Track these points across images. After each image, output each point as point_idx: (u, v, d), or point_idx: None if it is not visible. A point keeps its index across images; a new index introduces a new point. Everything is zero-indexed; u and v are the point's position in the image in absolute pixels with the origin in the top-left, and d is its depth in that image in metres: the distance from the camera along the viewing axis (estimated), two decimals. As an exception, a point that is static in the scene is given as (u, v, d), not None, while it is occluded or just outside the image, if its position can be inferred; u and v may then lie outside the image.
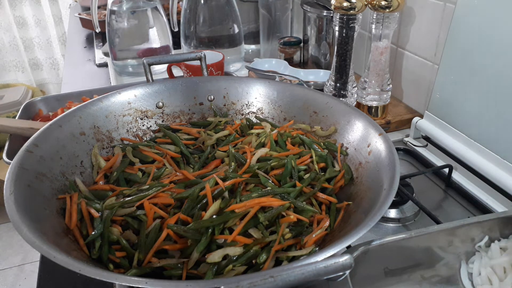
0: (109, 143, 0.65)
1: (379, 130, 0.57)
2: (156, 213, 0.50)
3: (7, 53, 2.67)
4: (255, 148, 0.63)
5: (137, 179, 0.58)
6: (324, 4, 1.07)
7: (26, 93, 2.57)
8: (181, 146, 0.65)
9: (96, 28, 1.15)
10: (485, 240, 0.52)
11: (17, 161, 0.50)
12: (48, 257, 0.38)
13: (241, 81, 0.74)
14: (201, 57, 0.75)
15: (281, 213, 0.49)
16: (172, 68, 0.93)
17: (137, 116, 0.69)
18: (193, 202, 0.51)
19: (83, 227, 0.49)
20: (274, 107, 0.72)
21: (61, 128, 0.59)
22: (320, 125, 0.67)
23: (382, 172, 0.51)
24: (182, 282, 0.35)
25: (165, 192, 0.53)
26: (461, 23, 0.72)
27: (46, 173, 0.53)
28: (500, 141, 0.67)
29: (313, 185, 0.57)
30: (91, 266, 0.38)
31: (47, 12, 2.69)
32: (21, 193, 0.46)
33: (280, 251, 0.47)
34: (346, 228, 0.49)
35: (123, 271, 0.46)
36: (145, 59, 0.72)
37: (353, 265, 0.35)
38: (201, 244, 0.46)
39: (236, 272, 0.45)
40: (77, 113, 0.63)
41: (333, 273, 0.35)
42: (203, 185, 0.52)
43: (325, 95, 0.69)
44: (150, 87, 0.71)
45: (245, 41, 1.25)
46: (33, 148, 0.54)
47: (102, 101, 0.66)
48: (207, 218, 0.48)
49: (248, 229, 0.48)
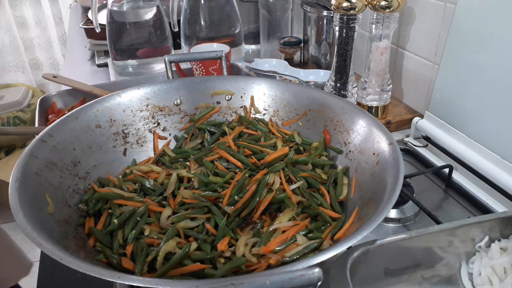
0: (123, 137, 0.66)
1: (390, 139, 0.55)
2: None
3: (7, 53, 2.66)
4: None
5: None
6: (324, 4, 1.07)
7: (27, 93, 2.57)
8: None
9: (96, 28, 1.15)
10: (485, 240, 0.52)
11: (29, 149, 0.52)
12: (35, 243, 0.39)
13: (260, 82, 0.73)
14: (221, 57, 0.76)
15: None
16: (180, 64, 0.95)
17: (154, 112, 0.70)
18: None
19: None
20: (290, 110, 0.71)
21: (77, 120, 0.61)
22: (334, 129, 0.65)
23: (386, 180, 0.51)
24: (193, 282, 0.35)
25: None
26: (461, 23, 0.72)
27: (57, 162, 0.54)
28: (500, 141, 0.67)
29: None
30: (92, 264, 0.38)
31: (47, 12, 2.69)
32: (27, 180, 0.47)
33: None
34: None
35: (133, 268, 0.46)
36: (167, 57, 0.76)
37: (322, 279, 0.34)
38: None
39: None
40: (95, 106, 0.64)
41: (297, 286, 0.33)
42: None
43: (341, 100, 0.66)
44: (169, 84, 0.72)
45: (245, 41, 1.25)
46: (47, 137, 0.55)
47: (120, 95, 0.67)
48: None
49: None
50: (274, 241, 0.49)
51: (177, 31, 1.18)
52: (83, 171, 0.58)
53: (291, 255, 0.47)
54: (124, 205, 0.54)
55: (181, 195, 0.56)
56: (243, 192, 0.55)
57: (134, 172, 0.61)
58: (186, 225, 0.52)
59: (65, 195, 0.53)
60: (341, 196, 0.57)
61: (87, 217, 0.53)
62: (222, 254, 0.48)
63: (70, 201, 0.53)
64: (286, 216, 0.53)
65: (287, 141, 0.67)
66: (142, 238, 0.49)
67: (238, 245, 0.48)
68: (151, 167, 0.63)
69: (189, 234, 0.51)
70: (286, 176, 0.59)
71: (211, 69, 0.96)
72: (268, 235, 0.50)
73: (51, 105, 0.92)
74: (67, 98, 0.94)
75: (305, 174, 0.60)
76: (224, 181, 0.58)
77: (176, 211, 0.54)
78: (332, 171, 0.61)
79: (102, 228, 0.52)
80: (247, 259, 0.46)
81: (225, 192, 0.55)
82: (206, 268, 0.46)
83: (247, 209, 0.53)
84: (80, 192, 0.56)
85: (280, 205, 0.55)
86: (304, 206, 0.55)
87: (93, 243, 0.50)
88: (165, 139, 0.71)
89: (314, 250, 0.48)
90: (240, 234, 0.51)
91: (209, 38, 1.14)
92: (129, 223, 0.51)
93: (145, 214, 0.52)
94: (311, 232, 0.51)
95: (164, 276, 0.45)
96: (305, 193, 0.56)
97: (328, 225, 0.53)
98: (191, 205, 0.54)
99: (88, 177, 0.59)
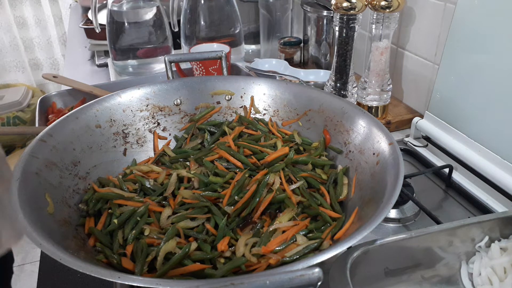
0: (123, 137, 0.66)
1: (390, 139, 0.55)
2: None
3: (7, 53, 2.67)
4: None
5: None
6: (324, 4, 1.07)
7: (26, 93, 2.57)
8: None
9: (96, 28, 1.15)
10: (485, 240, 0.52)
11: (29, 149, 0.52)
12: (35, 243, 0.39)
13: (260, 82, 0.73)
14: (221, 57, 0.76)
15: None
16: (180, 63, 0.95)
17: (154, 112, 0.70)
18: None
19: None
20: (290, 110, 0.71)
21: (77, 120, 0.61)
22: (334, 129, 0.65)
23: (386, 180, 0.51)
24: (193, 282, 0.35)
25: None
26: (461, 23, 0.72)
27: (57, 162, 0.54)
28: (500, 141, 0.67)
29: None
30: (92, 264, 0.38)
31: (47, 12, 2.69)
32: (27, 180, 0.47)
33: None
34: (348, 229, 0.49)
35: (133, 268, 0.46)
36: (167, 57, 0.75)
37: (322, 279, 0.33)
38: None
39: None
40: (95, 106, 0.64)
41: (297, 286, 0.33)
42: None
43: (341, 100, 0.66)
44: (169, 84, 0.72)
45: (245, 41, 1.25)
46: (47, 137, 0.55)
47: (120, 95, 0.67)
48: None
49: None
50: (274, 241, 0.49)
51: (177, 31, 1.18)
52: (83, 171, 0.58)
53: (291, 255, 0.47)
54: (124, 205, 0.54)
55: (181, 195, 0.56)
56: (243, 192, 0.55)
57: (134, 172, 0.61)
58: (186, 225, 0.52)
59: (65, 195, 0.53)
60: (341, 196, 0.57)
61: (87, 217, 0.53)
62: (222, 254, 0.48)
63: (70, 201, 0.53)
64: (286, 216, 0.53)
65: (287, 141, 0.67)
66: (142, 238, 0.49)
67: (238, 245, 0.48)
68: (151, 167, 0.63)
69: (189, 234, 0.51)
70: (286, 176, 0.59)
71: (211, 69, 0.96)
72: (268, 235, 0.50)
73: (51, 105, 0.93)
74: (67, 98, 0.94)
75: (305, 174, 0.60)
76: (224, 181, 0.58)
77: (176, 211, 0.54)
78: (332, 171, 0.61)
79: (102, 228, 0.52)
80: (247, 259, 0.46)
81: (225, 192, 0.55)
82: (206, 268, 0.46)
83: (247, 209, 0.53)
84: (80, 192, 0.56)
85: (280, 205, 0.55)
86: (304, 206, 0.55)
87: (93, 243, 0.50)
88: (165, 139, 0.71)
89: (314, 250, 0.48)
90: (240, 234, 0.51)
91: (209, 38, 1.14)
92: (129, 223, 0.51)
93: (145, 214, 0.52)
94: (311, 232, 0.51)
95: (164, 276, 0.45)
96: (305, 193, 0.56)
97: (328, 225, 0.53)
98: (191, 205, 0.54)
99: (88, 177, 0.59)
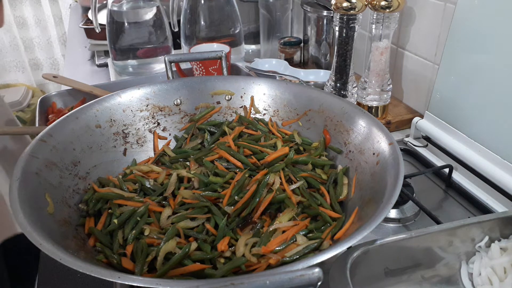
0: (123, 137, 0.66)
1: (390, 139, 0.55)
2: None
3: (7, 53, 2.66)
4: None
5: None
6: (324, 4, 1.07)
7: (26, 93, 2.57)
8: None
9: (96, 28, 1.15)
10: (485, 240, 0.52)
11: (29, 149, 0.52)
12: (35, 243, 0.39)
13: (260, 82, 0.73)
14: (221, 57, 0.76)
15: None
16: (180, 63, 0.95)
17: (154, 112, 0.70)
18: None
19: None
20: (290, 110, 0.71)
21: (77, 120, 0.61)
22: (334, 129, 0.65)
23: (386, 180, 0.50)
24: (193, 282, 0.35)
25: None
26: (461, 23, 0.72)
27: (57, 162, 0.54)
28: (500, 141, 0.67)
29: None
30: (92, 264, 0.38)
31: (47, 12, 2.69)
32: (27, 180, 0.48)
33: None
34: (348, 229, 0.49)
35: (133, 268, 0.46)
36: (167, 57, 0.75)
37: (322, 279, 0.33)
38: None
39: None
40: (95, 106, 0.64)
41: (297, 286, 0.33)
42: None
43: (341, 100, 0.66)
44: (169, 84, 0.72)
45: (245, 41, 1.25)
46: (47, 137, 0.55)
47: (120, 95, 0.67)
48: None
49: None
50: (274, 241, 0.49)
51: (177, 31, 1.18)
52: (83, 171, 0.58)
53: (291, 255, 0.47)
54: (124, 205, 0.54)
55: (181, 195, 0.56)
56: (243, 192, 0.55)
57: (134, 172, 0.61)
58: (186, 225, 0.52)
59: (65, 195, 0.53)
60: (341, 196, 0.57)
61: (87, 217, 0.53)
62: (222, 254, 0.48)
63: (70, 201, 0.53)
64: (286, 216, 0.53)
65: (287, 141, 0.66)
66: (142, 238, 0.49)
67: (238, 245, 0.48)
68: (151, 167, 0.63)
69: (189, 234, 0.51)
70: (286, 176, 0.59)
71: (211, 69, 0.96)
72: (268, 235, 0.50)
73: (51, 105, 0.93)
74: (67, 98, 0.94)
75: (305, 174, 0.60)
76: (224, 181, 0.58)
77: (176, 211, 0.54)
78: (332, 171, 0.61)
79: (102, 228, 0.52)
80: (247, 259, 0.46)
81: (225, 192, 0.55)
82: (206, 268, 0.46)
83: (247, 209, 0.53)
84: (80, 192, 0.56)
85: (280, 205, 0.55)
86: (304, 206, 0.55)
87: (93, 243, 0.50)
88: (165, 139, 0.71)
89: (314, 250, 0.48)
90: (240, 234, 0.51)
91: (209, 38, 1.13)
92: (129, 223, 0.51)
93: (145, 214, 0.52)
94: (311, 232, 0.51)
95: (164, 276, 0.45)
96: (305, 193, 0.56)
97: (328, 225, 0.53)
98: (191, 205, 0.54)
99: (88, 177, 0.59)
